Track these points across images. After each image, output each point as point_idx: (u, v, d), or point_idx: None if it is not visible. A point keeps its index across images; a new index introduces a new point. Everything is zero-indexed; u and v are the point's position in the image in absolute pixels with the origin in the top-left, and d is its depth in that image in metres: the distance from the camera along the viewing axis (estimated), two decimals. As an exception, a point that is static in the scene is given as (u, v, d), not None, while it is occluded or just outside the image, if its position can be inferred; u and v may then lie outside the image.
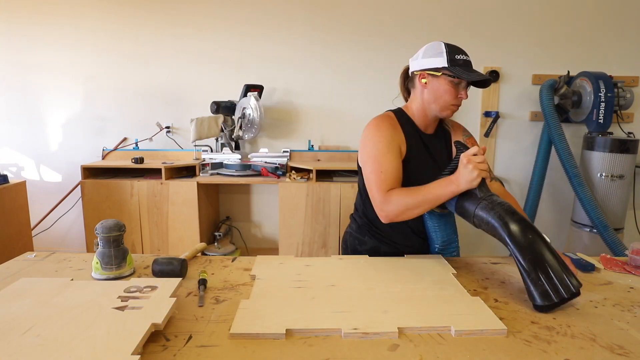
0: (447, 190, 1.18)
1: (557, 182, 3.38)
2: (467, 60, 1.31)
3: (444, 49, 1.29)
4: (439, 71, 1.30)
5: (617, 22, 3.21)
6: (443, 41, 1.33)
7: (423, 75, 1.34)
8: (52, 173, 3.43)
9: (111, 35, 3.26)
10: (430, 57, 1.31)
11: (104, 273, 1.15)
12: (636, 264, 1.26)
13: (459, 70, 1.27)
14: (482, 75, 1.28)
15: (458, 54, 1.30)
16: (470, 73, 1.28)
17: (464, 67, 1.29)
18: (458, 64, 1.28)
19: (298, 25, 3.24)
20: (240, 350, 0.80)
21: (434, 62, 1.30)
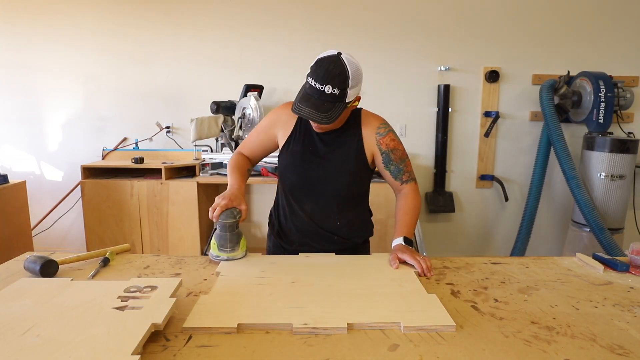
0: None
1: (557, 182, 3.38)
2: (312, 87, 1.20)
3: (312, 65, 1.23)
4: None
5: (617, 22, 3.21)
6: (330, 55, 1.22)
7: None
8: (52, 173, 3.43)
9: (111, 35, 3.26)
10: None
11: (220, 254, 1.28)
12: (636, 264, 1.26)
13: (299, 94, 1.24)
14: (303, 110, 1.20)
15: (311, 77, 1.21)
16: (299, 104, 1.21)
17: (305, 93, 1.23)
18: (305, 86, 1.24)
19: (298, 26, 3.24)
20: (240, 350, 0.80)
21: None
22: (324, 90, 1.19)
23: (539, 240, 3.46)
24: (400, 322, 0.89)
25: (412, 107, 3.34)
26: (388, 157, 1.40)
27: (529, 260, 1.36)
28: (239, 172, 1.41)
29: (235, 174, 1.39)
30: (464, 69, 3.28)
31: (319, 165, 1.37)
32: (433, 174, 3.40)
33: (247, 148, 1.50)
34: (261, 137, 1.47)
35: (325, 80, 1.19)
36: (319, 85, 1.19)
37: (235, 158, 1.47)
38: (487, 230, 3.51)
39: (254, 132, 1.49)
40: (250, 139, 1.49)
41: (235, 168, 1.42)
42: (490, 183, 3.43)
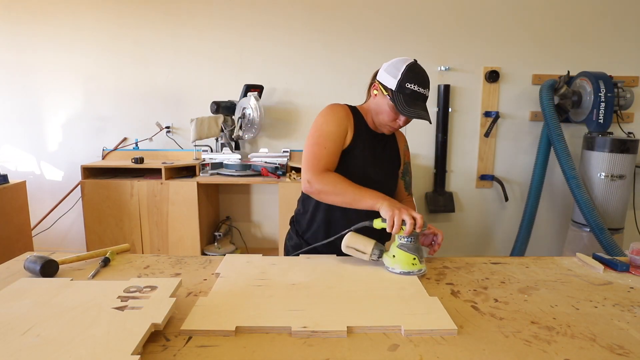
0: (370, 202, 1.20)
1: (557, 182, 3.38)
2: (417, 93, 1.27)
3: (401, 72, 1.27)
4: (386, 90, 1.30)
5: (617, 22, 3.21)
6: (414, 62, 1.30)
7: (376, 87, 1.36)
8: (52, 173, 3.43)
9: (111, 35, 3.26)
10: (388, 73, 1.31)
11: (421, 266, 1.18)
12: (636, 264, 1.26)
13: (401, 99, 1.26)
14: (419, 113, 1.26)
15: (411, 83, 1.26)
16: (407, 107, 1.26)
17: (409, 98, 1.27)
18: (405, 92, 1.27)
19: (298, 25, 3.24)
20: (240, 350, 0.80)
21: (387, 80, 1.30)
22: (425, 94, 1.30)
23: (539, 240, 3.46)
24: (401, 326, 0.88)
25: (412, 107, 3.33)
26: (407, 169, 1.52)
27: (529, 260, 1.36)
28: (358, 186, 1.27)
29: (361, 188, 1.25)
30: (464, 69, 3.28)
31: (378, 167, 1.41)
32: (433, 174, 3.40)
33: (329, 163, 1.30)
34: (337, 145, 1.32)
35: (426, 85, 1.29)
36: (423, 90, 1.28)
37: (337, 176, 1.28)
38: (487, 230, 3.51)
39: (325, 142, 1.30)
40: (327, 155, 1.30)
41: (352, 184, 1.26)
42: (490, 183, 3.43)
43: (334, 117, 1.33)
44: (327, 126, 1.32)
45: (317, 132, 1.32)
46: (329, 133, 1.31)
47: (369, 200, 1.20)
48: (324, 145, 1.30)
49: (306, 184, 1.29)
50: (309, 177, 1.27)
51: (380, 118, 1.36)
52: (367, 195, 1.21)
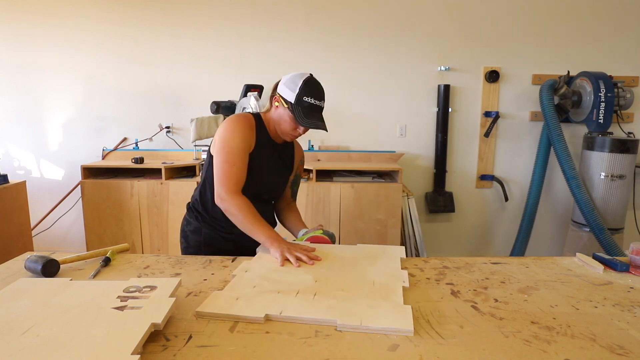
0: (262, 239, 1.36)
1: (557, 182, 3.38)
2: (314, 105, 1.42)
3: (299, 86, 1.40)
4: (286, 103, 1.43)
5: (617, 22, 3.21)
6: (310, 76, 1.44)
7: (277, 99, 1.47)
8: (52, 173, 3.43)
9: (111, 35, 3.26)
10: (287, 87, 1.43)
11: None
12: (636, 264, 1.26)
13: (299, 111, 1.41)
14: (316, 124, 1.42)
15: (307, 97, 1.41)
16: (305, 119, 1.41)
17: (306, 111, 1.41)
18: (302, 105, 1.41)
19: (298, 26, 3.24)
20: (240, 350, 0.80)
21: (287, 94, 1.43)
22: (321, 105, 1.45)
23: (539, 240, 3.46)
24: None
25: (412, 107, 3.34)
26: (297, 180, 1.72)
27: (529, 260, 1.36)
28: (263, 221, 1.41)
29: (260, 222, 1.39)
30: (464, 69, 3.28)
31: (273, 174, 1.57)
32: (433, 174, 3.40)
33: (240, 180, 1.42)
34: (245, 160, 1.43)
35: (322, 97, 1.45)
36: (318, 102, 1.44)
37: (245, 203, 1.39)
38: (487, 230, 3.51)
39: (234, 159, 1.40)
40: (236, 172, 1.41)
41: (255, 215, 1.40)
42: (490, 183, 3.43)
43: (240, 132, 1.43)
44: (234, 142, 1.42)
45: (226, 148, 1.41)
46: (237, 149, 1.41)
47: (261, 237, 1.36)
48: (232, 162, 1.40)
49: (219, 199, 1.41)
50: (222, 194, 1.40)
51: (281, 127, 1.48)
52: (262, 232, 1.36)
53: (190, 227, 1.58)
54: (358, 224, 2.90)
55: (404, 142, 3.38)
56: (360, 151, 3.32)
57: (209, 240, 1.55)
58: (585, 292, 1.11)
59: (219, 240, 1.54)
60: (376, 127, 3.36)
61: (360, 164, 3.21)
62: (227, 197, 1.38)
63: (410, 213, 3.04)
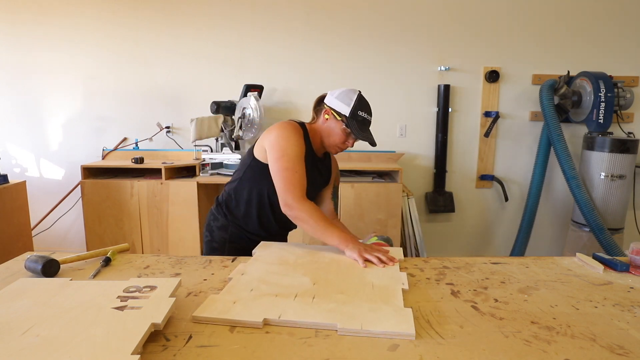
0: (335, 242, 1.35)
1: (557, 182, 3.38)
2: (367, 120, 1.50)
3: (354, 101, 1.46)
4: (340, 116, 1.47)
5: (617, 22, 3.21)
6: (360, 93, 1.49)
7: (328, 112, 1.51)
8: (53, 173, 3.43)
9: (111, 35, 3.26)
10: (340, 101, 1.47)
11: None
12: (636, 264, 1.26)
13: (354, 125, 1.46)
14: (369, 138, 1.49)
15: (362, 111, 1.47)
16: (361, 132, 1.47)
17: (360, 124, 1.47)
18: (357, 119, 1.47)
19: (298, 26, 3.24)
20: (241, 350, 0.80)
21: (341, 107, 1.47)
22: (371, 120, 1.52)
23: (539, 240, 3.46)
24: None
25: (412, 107, 3.34)
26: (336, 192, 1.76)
27: (529, 260, 1.36)
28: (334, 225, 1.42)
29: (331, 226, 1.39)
30: (464, 69, 3.28)
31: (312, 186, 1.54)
32: (433, 174, 3.40)
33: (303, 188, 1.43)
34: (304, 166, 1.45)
35: (371, 113, 1.52)
36: (370, 117, 1.51)
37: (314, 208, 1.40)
38: (487, 230, 3.51)
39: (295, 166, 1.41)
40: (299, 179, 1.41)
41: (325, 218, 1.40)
42: (490, 183, 3.43)
43: (296, 139, 1.45)
44: (292, 149, 1.43)
45: (285, 156, 1.41)
46: (296, 156, 1.43)
47: (336, 240, 1.35)
48: (294, 170, 1.41)
49: (286, 207, 1.40)
50: (289, 201, 1.39)
51: (331, 140, 1.52)
52: (335, 236, 1.36)
53: (218, 223, 1.59)
54: (358, 224, 2.90)
55: (404, 142, 3.38)
56: (360, 151, 3.32)
57: (234, 239, 1.57)
58: (585, 292, 1.11)
59: (245, 240, 1.56)
60: (376, 127, 3.32)
61: (360, 164, 3.21)
62: (296, 205, 1.38)
63: (410, 213, 3.04)
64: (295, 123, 1.51)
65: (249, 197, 1.54)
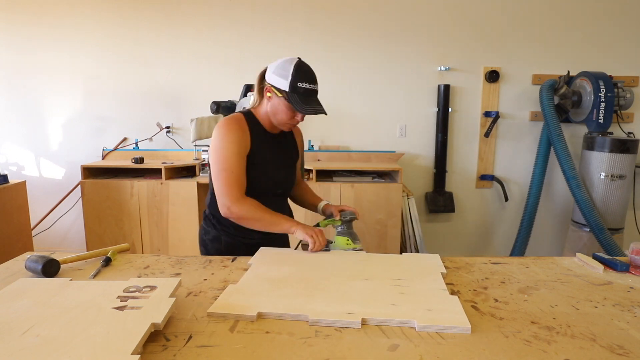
0: (286, 226, 1.37)
1: (557, 182, 3.38)
2: (310, 89, 1.37)
3: (291, 72, 1.34)
4: (280, 92, 1.36)
5: (617, 22, 3.21)
6: (298, 60, 1.37)
7: (269, 89, 1.40)
8: (53, 173, 3.43)
9: (112, 35, 3.26)
10: (278, 75, 1.36)
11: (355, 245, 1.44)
12: (636, 264, 1.26)
13: (296, 98, 1.35)
14: (316, 109, 1.37)
15: (302, 82, 1.35)
16: (305, 105, 1.35)
17: (303, 97, 1.35)
18: (298, 92, 1.35)
19: (298, 26, 3.24)
20: (241, 350, 0.80)
21: (279, 82, 1.36)
22: (316, 89, 1.41)
23: (539, 240, 3.46)
24: (415, 321, 0.89)
25: (412, 107, 3.34)
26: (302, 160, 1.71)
27: (529, 260, 1.36)
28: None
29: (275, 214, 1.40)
30: (464, 69, 3.28)
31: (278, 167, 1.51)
32: (433, 174, 3.40)
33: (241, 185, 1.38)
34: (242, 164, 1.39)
35: (315, 80, 1.41)
36: (313, 86, 1.39)
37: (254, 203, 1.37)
38: (487, 230, 3.51)
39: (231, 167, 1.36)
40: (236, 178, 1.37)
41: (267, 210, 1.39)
42: (490, 183, 3.43)
43: (232, 136, 1.38)
44: (226, 148, 1.37)
45: (220, 158, 1.37)
46: (231, 156, 1.36)
47: (284, 225, 1.37)
48: (230, 170, 1.36)
49: (226, 210, 1.37)
50: (227, 204, 1.36)
51: (278, 118, 1.42)
52: (282, 222, 1.38)
53: (209, 236, 1.54)
54: (358, 224, 2.89)
55: (404, 142, 3.38)
56: (360, 151, 3.32)
57: (229, 248, 1.50)
58: (585, 292, 1.11)
59: (240, 246, 1.49)
60: (376, 127, 3.36)
61: (360, 164, 3.21)
62: (234, 206, 1.35)
63: (410, 213, 3.04)
64: (237, 115, 1.44)
65: None
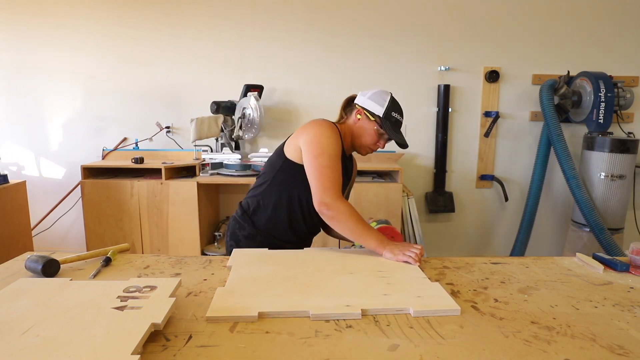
0: (373, 245, 1.32)
1: (557, 182, 3.38)
2: (399, 121, 1.49)
3: (387, 102, 1.46)
4: (373, 116, 1.46)
5: (617, 22, 3.21)
6: (392, 94, 1.49)
7: (360, 112, 1.49)
8: (52, 173, 3.43)
9: (112, 35, 3.26)
10: (374, 101, 1.46)
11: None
12: (636, 264, 1.26)
13: (388, 125, 1.45)
14: (403, 139, 1.48)
15: (395, 113, 1.47)
16: (395, 133, 1.46)
17: (394, 125, 1.47)
18: (390, 120, 1.46)
19: (298, 26, 3.24)
20: (240, 351, 0.80)
21: (374, 107, 1.46)
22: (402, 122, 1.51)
23: (539, 240, 3.46)
24: (410, 308, 0.95)
25: (412, 107, 3.33)
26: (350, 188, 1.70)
27: (529, 260, 1.36)
28: None
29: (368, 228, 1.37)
30: (464, 69, 3.28)
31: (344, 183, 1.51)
32: (433, 174, 3.40)
33: (341, 188, 1.40)
34: (340, 168, 1.40)
35: (403, 115, 1.51)
36: (401, 119, 1.50)
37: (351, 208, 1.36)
38: (487, 230, 3.51)
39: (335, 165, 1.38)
40: (338, 178, 1.38)
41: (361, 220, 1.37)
42: (490, 183, 3.43)
43: (335, 138, 1.42)
44: (332, 147, 1.39)
45: (325, 154, 1.38)
46: (336, 155, 1.39)
47: (373, 243, 1.32)
48: (334, 168, 1.37)
49: (323, 206, 1.34)
50: (327, 200, 1.34)
51: (362, 140, 1.50)
52: (372, 238, 1.33)
53: (245, 232, 1.52)
54: (358, 224, 2.90)
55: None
56: (360, 151, 3.32)
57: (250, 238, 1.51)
58: (585, 292, 1.11)
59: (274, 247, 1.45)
60: (376, 127, 3.36)
61: (360, 163, 3.19)
62: (334, 204, 1.33)
63: (410, 213, 3.04)
64: (330, 122, 1.48)
65: (279, 201, 1.49)
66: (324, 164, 1.36)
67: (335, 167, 1.37)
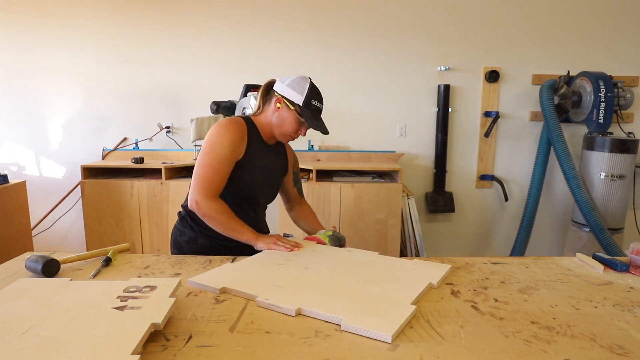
0: (246, 237, 1.38)
1: (557, 182, 3.38)
2: (319, 109, 1.48)
3: (307, 90, 1.44)
4: (293, 105, 1.44)
5: (617, 22, 3.21)
6: (311, 80, 1.46)
7: (280, 100, 1.46)
8: (53, 173, 3.43)
9: (112, 35, 3.26)
10: (293, 89, 1.44)
11: None
12: (636, 264, 1.26)
13: (308, 114, 1.44)
14: (322, 127, 1.48)
15: (315, 100, 1.45)
16: (315, 122, 1.45)
17: (314, 113, 1.45)
18: (310, 108, 1.44)
19: (298, 26, 3.24)
20: (240, 350, 0.80)
21: (293, 96, 1.44)
22: (322, 108, 1.49)
23: (539, 240, 3.45)
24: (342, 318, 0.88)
25: (412, 107, 3.34)
26: (297, 178, 1.74)
27: (529, 260, 1.36)
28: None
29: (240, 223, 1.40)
30: (464, 69, 3.28)
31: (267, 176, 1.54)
32: (433, 174, 3.40)
33: (220, 186, 1.39)
34: (229, 168, 1.40)
35: (323, 101, 1.49)
36: (321, 105, 1.48)
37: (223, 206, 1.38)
38: (487, 230, 3.51)
39: (219, 166, 1.37)
40: (219, 180, 1.38)
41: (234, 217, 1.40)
42: (490, 183, 3.43)
43: (230, 139, 1.39)
44: (222, 149, 1.38)
45: (213, 154, 1.38)
46: (224, 156, 1.38)
47: (245, 236, 1.38)
48: (217, 169, 1.37)
49: (194, 204, 1.37)
50: (198, 198, 1.36)
51: (283, 129, 1.48)
52: (245, 232, 1.39)
53: (185, 238, 1.51)
54: (358, 224, 2.90)
55: (404, 142, 3.38)
56: (360, 151, 3.32)
57: (206, 249, 1.48)
58: (585, 292, 1.11)
59: (218, 248, 1.48)
60: (376, 127, 3.36)
61: (360, 164, 3.22)
62: (203, 202, 1.35)
63: (410, 213, 3.04)
64: (239, 119, 1.46)
65: None
66: (206, 163, 1.37)
67: (218, 168, 1.37)
